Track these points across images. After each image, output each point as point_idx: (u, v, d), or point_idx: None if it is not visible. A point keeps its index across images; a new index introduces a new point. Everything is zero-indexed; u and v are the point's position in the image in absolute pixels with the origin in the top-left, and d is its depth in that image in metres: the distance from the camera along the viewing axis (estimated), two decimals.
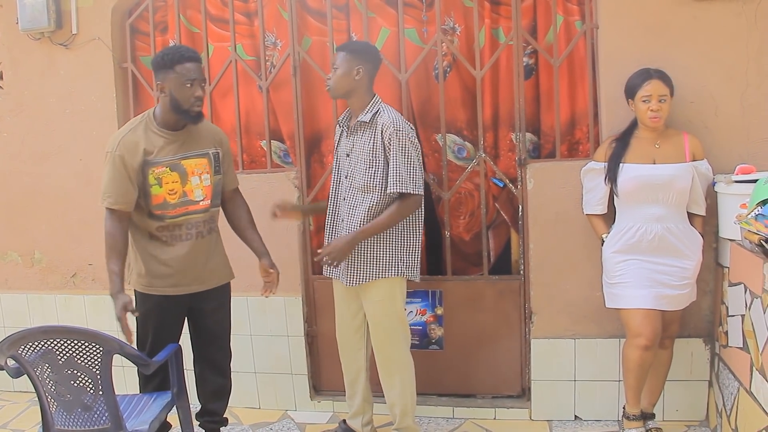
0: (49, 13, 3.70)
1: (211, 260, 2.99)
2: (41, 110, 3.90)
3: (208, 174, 2.92)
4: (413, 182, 2.85)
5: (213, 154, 2.94)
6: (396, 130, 2.85)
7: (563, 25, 3.35)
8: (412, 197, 2.88)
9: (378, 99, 2.98)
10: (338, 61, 2.92)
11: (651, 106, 2.88)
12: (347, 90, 2.94)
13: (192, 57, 2.80)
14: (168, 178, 2.82)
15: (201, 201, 2.91)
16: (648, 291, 2.89)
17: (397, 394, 3.06)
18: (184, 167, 2.85)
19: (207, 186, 2.92)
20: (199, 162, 2.89)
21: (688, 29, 3.11)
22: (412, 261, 2.98)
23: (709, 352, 3.23)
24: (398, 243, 2.94)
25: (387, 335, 3.00)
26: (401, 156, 2.85)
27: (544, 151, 3.49)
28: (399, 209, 2.88)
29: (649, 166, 2.93)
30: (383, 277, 2.93)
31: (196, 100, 2.79)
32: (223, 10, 3.71)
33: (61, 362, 2.44)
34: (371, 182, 2.90)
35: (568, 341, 3.37)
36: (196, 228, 2.91)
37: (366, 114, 2.93)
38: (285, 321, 3.68)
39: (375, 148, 2.89)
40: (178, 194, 2.85)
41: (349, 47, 2.98)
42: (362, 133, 2.95)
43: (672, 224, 2.92)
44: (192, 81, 2.76)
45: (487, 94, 3.48)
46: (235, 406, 3.73)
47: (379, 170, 2.89)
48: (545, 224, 3.34)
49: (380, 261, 2.93)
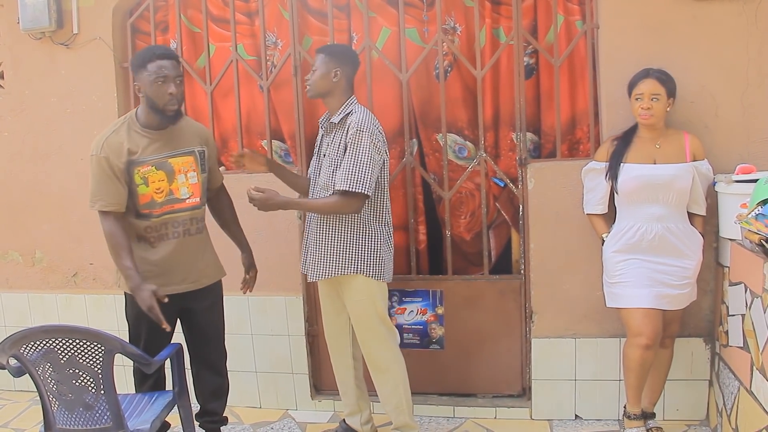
0: (50, 13, 3.70)
1: (201, 259, 2.98)
2: (42, 110, 3.91)
3: (194, 172, 2.91)
4: (358, 181, 2.82)
5: (199, 152, 2.93)
6: (358, 130, 2.85)
7: (564, 25, 3.36)
8: (354, 196, 2.85)
9: (353, 101, 2.99)
10: (317, 63, 2.94)
11: (642, 104, 2.90)
12: (325, 91, 2.96)
13: (164, 54, 2.76)
14: (154, 177, 2.81)
15: (187, 199, 2.89)
16: (648, 290, 2.90)
17: (389, 391, 3.07)
18: (171, 165, 2.84)
19: (194, 184, 2.91)
20: (185, 160, 2.88)
21: (688, 29, 3.12)
22: (375, 261, 2.95)
23: (710, 352, 3.23)
24: (353, 242, 2.94)
25: (370, 334, 3.02)
26: (355, 155, 2.84)
27: (545, 150, 3.49)
28: (337, 202, 2.87)
29: (649, 165, 2.94)
30: (344, 275, 2.94)
31: (171, 98, 2.74)
32: (223, 10, 3.71)
33: (62, 361, 2.44)
34: (330, 180, 2.92)
35: (568, 341, 3.37)
36: (183, 226, 2.91)
37: (338, 116, 2.95)
38: (286, 320, 3.68)
39: (339, 148, 2.92)
40: (164, 192, 2.83)
41: (328, 50, 2.99)
42: (334, 134, 2.99)
43: (672, 224, 2.92)
44: (164, 77, 2.71)
45: (487, 94, 3.49)
46: (235, 405, 3.76)
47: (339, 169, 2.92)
48: (546, 224, 3.34)
49: (336, 258, 2.94)
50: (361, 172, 2.82)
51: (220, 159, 3.83)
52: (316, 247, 2.99)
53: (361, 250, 2.94)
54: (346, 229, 2.95)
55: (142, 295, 2.70)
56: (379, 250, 2.97)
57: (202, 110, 3.79)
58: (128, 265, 2.73)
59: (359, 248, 2.94)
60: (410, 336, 3.60)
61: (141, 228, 2.86)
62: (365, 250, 2.94)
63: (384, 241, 3.01)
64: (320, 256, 2.99)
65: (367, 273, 2.94)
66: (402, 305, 3.60)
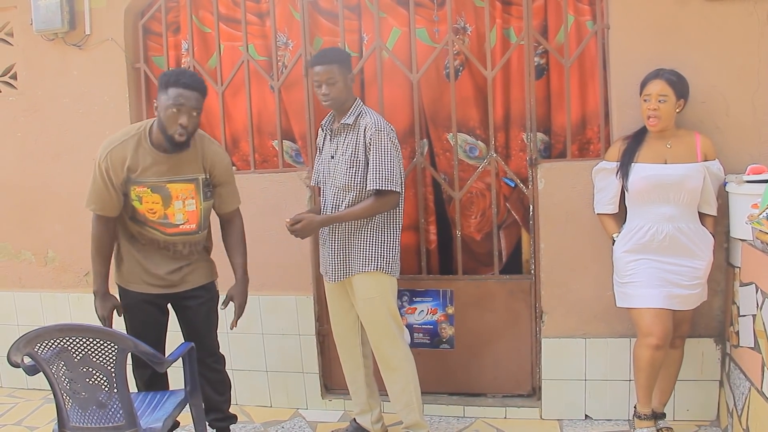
0: (62, 14, 3.74)
1: (184, 269, 2.99)
2: (55, 110, 3.94)
3: (193, 200, 2.90)
4: (392, 180, 2.91)
5: (202, 180, 2.91)
6: (377, 130, 2.92)
7: (574, 25, 3.36)
8: (390, 194, 2.94)
9: (359, 102, 3.05)
10: (336, 75, 2.93)
11: (649, 105, 2.90)
12: (345, 98, 3.00)
13: (188, 84, 2.71)
14: (148, 198, 2.83)
15: (181, 225, 2.90)
16: (659, 290, 2.89)
17: (400, 389, 3.08)
18: (169, 190, 2.84)
19: (191, 211, 2.91)
20: (185, 187, 2.88)
21: (699, 29, 3.11)
22: (393, 257, 3.02)
23: (720, 352, 3.23)
24: (375, 240, 2.99)
25: (381, 332, 3.04)
26: (381, 154, 2.91)
27: (555, 151, 3.49)
28: (375, 203, 2.94)
29: (660, 165, 2.94)
30: (362, 272, 2.98)
31: (180, 129, 2.71)
32: (234, 10, 3.73)
33: (76, 360, 2.45)
34: (352, 181, 2.96)
35: (578, 341, 3.37)
36: (175, 247, 2.95)
37: (349, 117, 2.99)
38: (296, 320, 3.70)
39: (357, 149, 2.95)
40: (158, 215, 2.86)
41: (339, 58, 2.98)
42: (345, 135, 3.02)
43: (683, 224, 2.92)
44: (179, 107, 2.69)
45: (498, 94, 3.49)
46: (246, 404, 3.79)
47: (359, 170, 2.95)
48: (556, 224, 3.34)
49: (358, 257, 2.98)
50: (391, 171, 2.91)
51: (232, 159, 3.84)
52: (341, 247, 3.02)
53: (380, 248, 2.99)
54: (364, 228, 2.98)
55: (104, 304, 2.89)
56: (394, 247, 3.03)
57: (214, 111, 3.81)
58: (99, 270, 2.90)
59: (378, 245, 2.99)
60: (420, 336, 3.61)
61: (134, 230, 2.92)
62: (383, 247, 2.99)
63: (398, 238, 3.06)
64: (342, 258, 3.01)
65: (384, 269, 2.99)
66: (412, 305, 3.61)
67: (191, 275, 3.02)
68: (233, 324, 3.07)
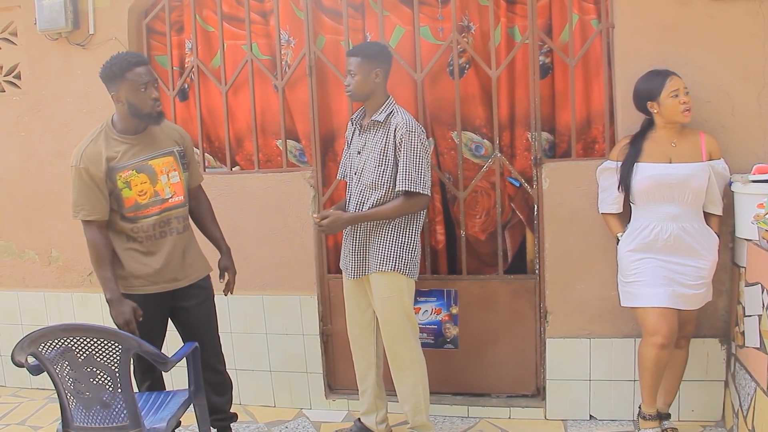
0: (66, 14, 3.73)
1: (187, 256, 3.02)
2: (58, 110, 3.94)
3: (176, 171, 2.95)
4: (421, 182, 2.92)
5: (178, 152, 2.98)
6: (408, 130, 2.92)
7: (579, 24, 3.34)
8: (419, 196, 2.95)
9: (392, 100, 3.05)
10: (355, 67, 2.96)
11: (682, 98, 2.87)
12: (368, 93, 3.01)
13: (140, 61, 2.82)
14: (136, 180, 2.85)
15: (171, 198, 2.93)
16: (664, 289, 2.88)
17: (409, 390, 3.08)
18: (153, 167, 2.88)
19: (176, 183, 2.95)
20: (166, 160, 2.93)
21: (704, 28, 3.10)
22: (411, 259, 3.02)
23: (725, 353, 3.21)
24: (396, 241, 2.99)
25: (396, 332, 3.03)
26: (412, 156, 2.91)
27: (560, 150, 3.48)
28: (404, 204, 2.94)
29: (664, 165, 2.92)
30: (380, 271, 2.98)
31: (154, 102, 2.81)
32: (238, 9, 3.72)
33: (80, 360, 2.45)
34: (380, 179, 2.96)
35: (583, 341, 3.36)
36: (169, 225, 2.95)
37: (380, 114, 2.99)
38: (300, 319, 3.69)
39: (386, 147, 2.95)
40: (148, 194, 2.88)
41: (365, 51, 3.01)
42: (375, 132, 3.02)
43: (688, 224, 2.91)
44: (145, 84, 2.78)
45: (503, 93, 3.48)
46: (250, 404, 3.79)
47: (388, 168, 2.95)
48: (560, 223, 3.33)
49: (378, 256, 2.99)
50: (420, 173, 2.91)
51: (236, 159, 3.85)
52: (363, 245, 3.03)
53: (398, 248, 2.99)
54: (384, 227, 2.99)
55: (122, 309, 2.80)
56: (413, 249, 3.02)
57: (217, 110, 3.81)
58: (108, 276, 2.82)
59: (396, 246, 2.99)
60: (425, 335, 3.59)
61: (129, 230, 2.89)
62: (401, 248, 2.99)
63: (417, 240, 3.06)
64: (363, 255, 3.03)
65: (403, 270, 2.99)
66: (417, 305, 3.58)
67: (193, 266, 3.02)
68: (229, 291, 3.19)
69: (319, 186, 3.60)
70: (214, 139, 3.92)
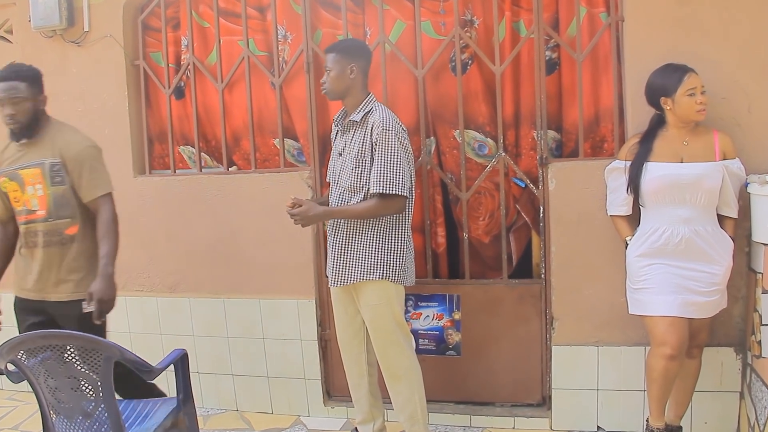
0: (60, 11, 3.68)
1: (58, 272, 2.93)
2: (54, 109, 3.73)
3: (41, 185, 2.90)
4: (397, 183, 2.78)
5: (50, 164, 2.89)
6: (384, 129, 2.79)
7: (587, 18, 3.20)
8: (395, 198, 2.81)
9: (372, 98, 2.94)
10: (330, 63, 2.88)
11: (698, 98, 2.74)
12: (344, 90, 2.91)
13: (3, 77, 2.84)
14: (10, 187, 2.93)
15: (37, 211, 2.91)
16: (674, 297, 2.74)
17: (404, 400, 2.98)
18: (22, 177, 2.90)
19: (41, 196, 2.90)
20: (33, 172, 2.90)
21: (719, 21, 2.95)
22: (399, 265, 2.90)
23: (741, 362, 3.07)
24: (380, 247, 2.87)
25: (386, 340, 2.93)
26: (387, 155, 2.79)
27: (567, 149, 3.35)
28: (377, 205, 2.81)
29: (675, 164, 2.79)
30: (366, 280, 2.87)
31: (8, 119, 2.84)
32: (234, 4, 3.62)
33: (60, 368, 2.38)
34: (358, 182, 2.86)
35: (590, 348, 3.24)
36: (36, 236, 2.93)
37: (358, 113, 2.89)
38: (298, 324, 3.59)
39: (363, 148, 2.84)
40: (20, 202, 2.93)
41: (339, 47, 2.93)
42: (354, 132, 2.92)
43: (700, 227, 2.77)
44: (1, 101, 2.82)
45: (507, 90, 3.35)
46: (246, 410, 3.72)
47: (365, 171, 2.84)
48: (567, 226, 3.20)
49: (363, 264, 2.87)
50: (394, 173, 2.78)
51: (233, 158, 3.75)
52: (343, 252, 2.92)
53: (388, 254, 2.88)
54: (372, 233, 2.88)
55: None
56: (405, 254, 2.91)
57: (214, 108, 3.72)
58: None
59: (386, 252, 2.87)
60: (426, 342, 3.48)
61: (20, 231, 2.99)
62: (392, 253, 2.88)
63: (409, 243, 2.95)
64: (344, 262, 2.91)
65: (391, 278, 2.87)
66: (418, 310, 3.48)
67: (60, 286, 2.93)
68: (95, 318, 2.81)
69: (317, 186, 3.49)
70: (211, 138, 3.82)
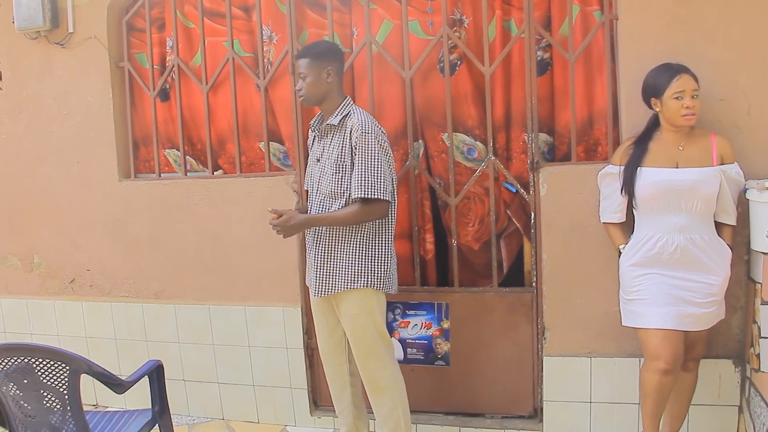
0: (44, 12, 3.61)
1: None
2: (39, 111, 3.81)
3: None
4: (379, 187, 2.70)
5: None
6: (363, 132, 2.72)
7: (580, 16, 3.10)
8: (378, 202, 2.73)
9: (349, 101, 2.86)
10: (305, 68, 2.79)
11: (685, 102, 2.62)
12: (322, 95, 2.83)
13: None
14: None
15: None
16: (668, 309, 2.63)
17: (387, 412, 2.89)
18: None
19: None
20: None
21: (718, 19, 2.84)
22: (382, 272, 2.82)
23: (740, 375, 2.94)
24: (365, 254, 2.79)
25: (367, 351, 2.84)
26: (368, 159, 2.71)
27: (559, 153, 3.24)
28: (360, 211, 2.73)
29: (671, 170, 2.67)
30: (350, 289, 2.79)
31: None
32: (219, 4, 3.54)
33: (26, 381, 2.32)
34: (338, 188, 2.77)
35: (583, 359, 3.13)
36: None
37: (335, 117, 2.81)
38: (284, 332, 3.50)
39: (343, 153, 2.77)
40: None
41: (313, 51, 2.84)
42: (332, 137, 2.83)
43: (696, 235, 2.65)
44: None
45: (497, 92, 3.24)
46: (232, 419, 3.66)
47: (346, 175, 2.76)
48: (559, 233, 3.10)
49: (346, 272, 2.80)
50: (375, 178, 2.70)
51: (219, 162, 3.67)
52: (325, 261, 2.84)
53: (370, 263, 2.80)
54: (354, 240, 2.79)
55: None
56: (388, 260, 2.83)
57: (199, 111, 3.63)
58: None
59: (368, 259, 2.80)
60: (414, 351, 3.39)
61: None
62: (374, 262, 2.80)
63: (391, 250, 2.87)
64: (327, 271, 2.83)
65: (375, 285, 2.80)
66: (405, 318, 3.38)
67: None
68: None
69: (302, 191, 3.40)
70: (197, 142, 3.74)
